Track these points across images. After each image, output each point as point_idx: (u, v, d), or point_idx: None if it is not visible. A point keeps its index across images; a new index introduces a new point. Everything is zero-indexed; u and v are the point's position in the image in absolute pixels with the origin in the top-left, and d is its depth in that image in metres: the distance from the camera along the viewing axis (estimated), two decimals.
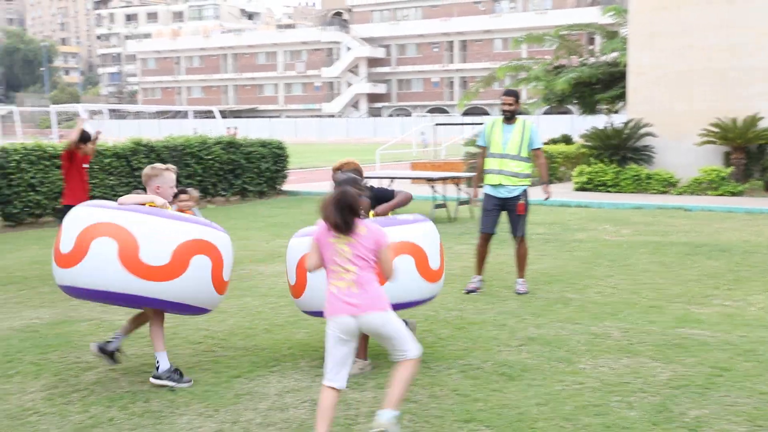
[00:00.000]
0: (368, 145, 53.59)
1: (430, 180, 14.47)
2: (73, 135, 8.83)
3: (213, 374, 5.40)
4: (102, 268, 4.79)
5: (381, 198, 5.82)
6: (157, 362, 5.16)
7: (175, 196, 6.99)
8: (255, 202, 17.45)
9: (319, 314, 5.10)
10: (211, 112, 34.03)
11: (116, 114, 69.45)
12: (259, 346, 6.09)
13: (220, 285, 5.19)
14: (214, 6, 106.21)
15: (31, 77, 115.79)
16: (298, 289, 5.43)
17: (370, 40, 79.78)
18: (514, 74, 26.47)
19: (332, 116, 78.13)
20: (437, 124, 29.03)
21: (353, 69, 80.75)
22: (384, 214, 5.71)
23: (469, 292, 7.91)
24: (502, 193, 7.90)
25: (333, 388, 4.06)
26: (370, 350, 5.59)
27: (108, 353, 5.38)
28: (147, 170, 5.57)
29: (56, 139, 29.33)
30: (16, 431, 4.42)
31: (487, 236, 8.12)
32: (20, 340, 6.29)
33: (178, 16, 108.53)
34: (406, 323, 5.10)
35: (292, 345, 6.09)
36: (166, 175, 5.55)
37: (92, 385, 5.18)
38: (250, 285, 8.44)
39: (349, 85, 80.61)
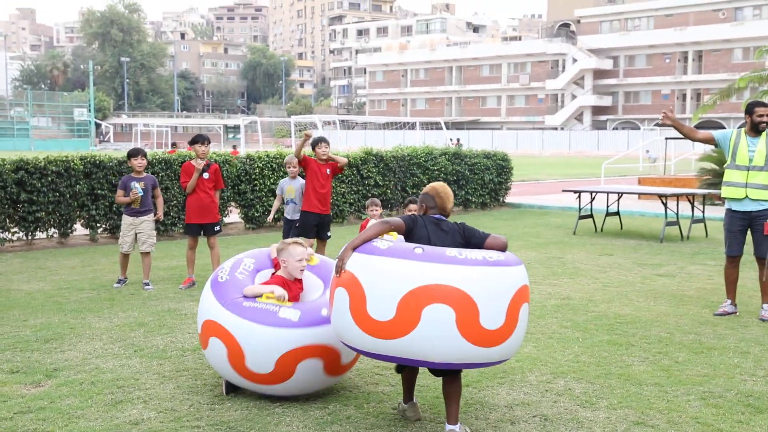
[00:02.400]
0: (590, 158, 52.24)
1: (661, 196, 13.84)
2: (298, 147, 9.18)
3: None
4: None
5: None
6: None
7: (405, 205, 7.20)
8: (477, 213, 17.55)
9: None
10: (437, 123, 34.65)
11: (345, 125, 72.64)
12: None
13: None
14: (441, 20, 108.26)
15: (271, 90, 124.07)
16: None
17: (597, 51, 77.75)
18: (756, 85, 24.69)
19: (555, 129, 76.95)
20: (667, 138, 27.68)
21: (578, 81, 79.07)
22: None
23: (720, 315, 7.49)
24: (748, 206, 7.38)
25: None
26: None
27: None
28: (278, 244, 5.35)
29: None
30: (264, 420, 4.73)
31: (734, 259, 7.63)
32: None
33: (407, 30, 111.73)
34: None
35: (520, 358, 6.05)
36: (291, 249, 5.21)
37: None
38: None
39: (574, 97, 79.02)
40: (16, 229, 11.67)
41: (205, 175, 8.90)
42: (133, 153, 8.87)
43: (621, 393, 5.24)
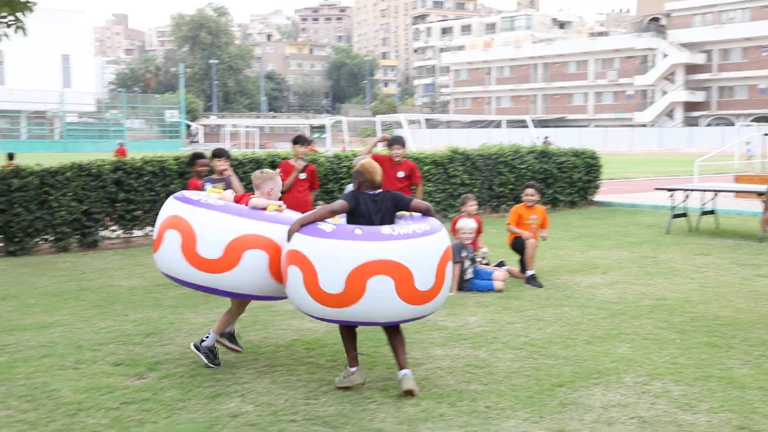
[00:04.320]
0: (682, 156, 50.77)
1: (761, 194, 13.35)
2: (368, 147, 9.15)
3: (535, 381, 5.43)
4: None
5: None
6: (206, 337, 5.80)
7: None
8: (566, 211, 17.28)
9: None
10: (522, 121, 34.30)
11: (429, 123, 72.62)
12: (580, 357, 6.02)
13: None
14: (526, 17, 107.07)
15: (355, 89, 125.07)
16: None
17: (688, 46, 75.53)
18: None
19: (644, 125, 75.10)
20: (766, 134, 26.65)
21: (669, 76, 76.96)
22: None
23: None
24: None
25: None
26: None
27: None
28: (259, 174, 5.97)
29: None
30: (358, 416, 4.79)
31: None
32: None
33: (491, 27, 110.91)
34: None
35: (615, 359, 5.94)
36: (278, 179, 6.01)
37: (422, 380, 5.45)
38: (566, 295, 8.38)
39: (664, 93, 76.96)
40: (115, 227, 12.10)
41: (302, 175, 9.01)
42: (217, 154, 8.52)
43: (722, 396, 5.09)
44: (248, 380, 5.45)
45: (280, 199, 5.90)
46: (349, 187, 9.19)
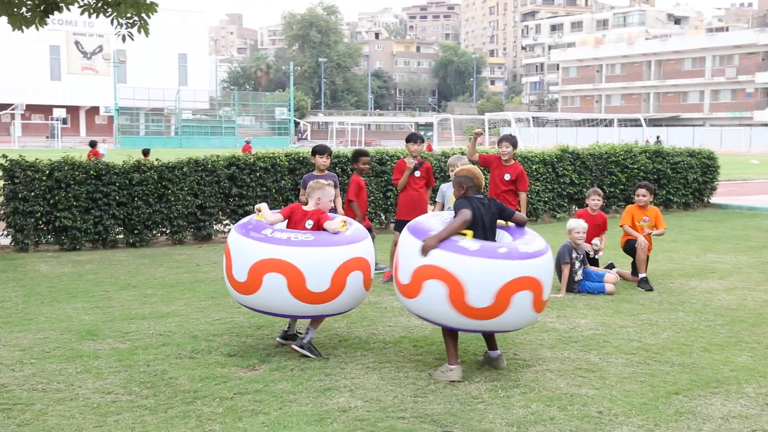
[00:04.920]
0: None
1: None
2: (470, 147, 9.02)
3: (650, 387, 5.27)
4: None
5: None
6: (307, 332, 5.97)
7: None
8: (679, 213, 16.71)
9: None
10: (635, 120, 33.40)
11: (536, 121, 71.63)
12: (697, 364, 5.80)
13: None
14: (639, 12, 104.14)
15: (461, 87, 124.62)
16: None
17: None
18: None
19: (765, 125, 71.79)
20: None
21: None
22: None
23: None
24: None
25: None
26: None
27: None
28: (314, 183, 6.14)
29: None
30: (467, 416, 4.76)
31: None
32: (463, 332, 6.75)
33: (603, 24, 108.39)
34: None
35: (735, 368, 5.70)
36: (327, 190, 6.11)
37: (531, 382, 5.38)
38: (681, 299, 8.10)
39: None
40: (227, 222, 12.45)
41: (417, 173, 9.02)
42: (319, 150, 8.68)
43: None
44: (357, 376, 5.50)
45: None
46: (443, 187, 9.13)
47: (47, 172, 11.08)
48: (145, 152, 20.87)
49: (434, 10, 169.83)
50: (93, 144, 23.79)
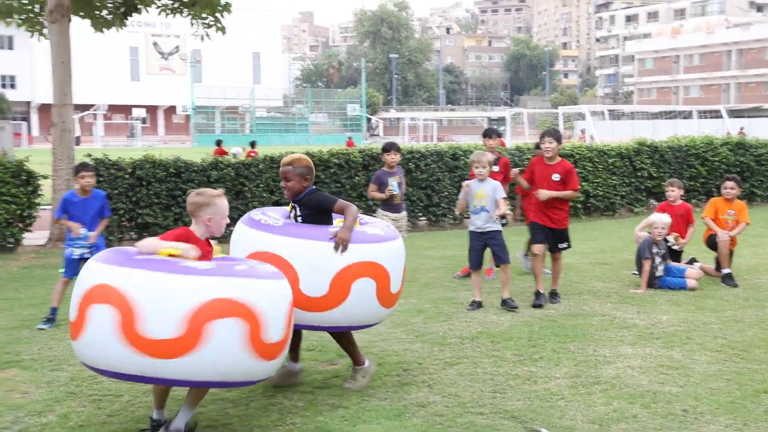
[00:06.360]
0: None
1: None
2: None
3: (737, 386, 5.13)
4: None
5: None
6: None
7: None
8: (764, 207, 16.19)
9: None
10: (715, 112, 32.49)
11: (612, 114, 70.30)
12: None
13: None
14: (719, 1, 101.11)
15: (534, 81, 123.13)
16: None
17: None
18: None
19: None
20: None
21: None
22: None
23: None
24: None
25: None
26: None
27: None
28: (195, 198, 4.49)
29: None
30: (547, 413, 4.71)
31: None
32: (540, 327, 6.70)
33: (680, 13, 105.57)
34: None
35: None
36: (220, 203, 4.48)
37: (612, 379, 5.29)
38: (767, 296, 7.85)
39: None
40: None
41: (495, 168, 8.91)
42: (387, 148, 8.66)
43: None
44: (434, 371, 5.50)
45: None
46: (472, 183, 8.66)
47: (129, 170, 11.40)
48: (253, 144, 23.06)
49: (506, 3, 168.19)
50: (218, 143, 24.30)
